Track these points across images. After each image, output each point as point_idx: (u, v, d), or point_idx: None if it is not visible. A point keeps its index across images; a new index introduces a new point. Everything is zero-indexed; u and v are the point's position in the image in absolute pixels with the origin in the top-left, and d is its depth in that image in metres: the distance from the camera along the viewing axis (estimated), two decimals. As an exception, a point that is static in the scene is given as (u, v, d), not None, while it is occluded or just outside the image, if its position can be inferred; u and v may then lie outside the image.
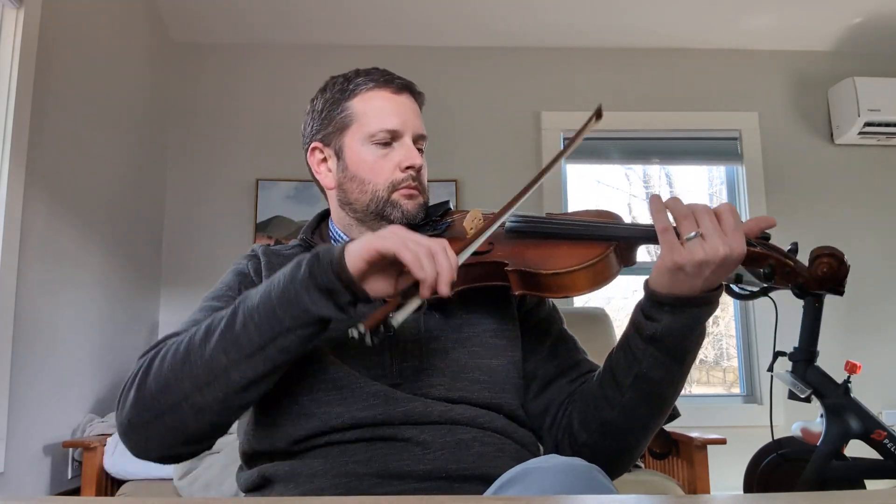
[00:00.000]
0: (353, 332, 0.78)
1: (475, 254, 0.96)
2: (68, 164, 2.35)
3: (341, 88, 1.08)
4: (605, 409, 0.95)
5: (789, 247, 0.87)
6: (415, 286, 0.82)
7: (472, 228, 1.02)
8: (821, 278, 0.83)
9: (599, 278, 0.91)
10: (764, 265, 0.85)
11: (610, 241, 0.92)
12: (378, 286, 0.84)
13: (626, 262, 0.95)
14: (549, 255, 0.94)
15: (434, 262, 0.80)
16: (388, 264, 0.82)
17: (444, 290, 0.80)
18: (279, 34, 3.31)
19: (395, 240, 0.81)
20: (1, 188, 1.98)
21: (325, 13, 3.17)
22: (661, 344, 0.89)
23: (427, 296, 0.80)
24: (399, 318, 0.81)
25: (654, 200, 0.87)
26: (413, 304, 0.82)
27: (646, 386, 0.91)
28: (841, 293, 0.85)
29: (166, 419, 0.84)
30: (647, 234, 0.90)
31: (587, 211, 1.03)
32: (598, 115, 1.06)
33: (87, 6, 2.49)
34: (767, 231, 0.88)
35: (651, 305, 0.89)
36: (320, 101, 1.10)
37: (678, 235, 0.84)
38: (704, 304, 0.87)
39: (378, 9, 3.15)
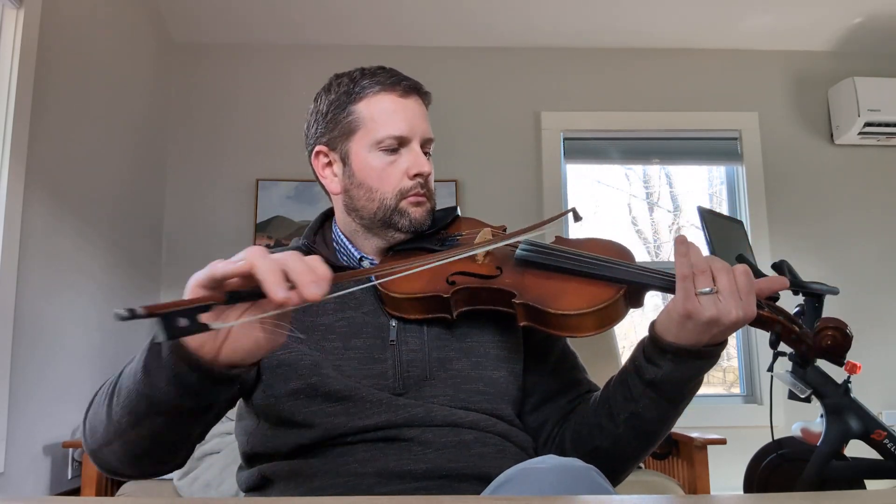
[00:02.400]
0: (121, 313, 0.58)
1: (481, 276, 0.95)
2: (68, 164, 2.35)
3: (347, 91, 1.05)
4: (598, 438, 0.96)
5: (796, 309, 0.88)
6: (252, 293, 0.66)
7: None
8: (823, 349, 0.85)
9: (606, 322, 0.91)
10: (771, 330, 0.87)
11: (621, 285, 0.91)
12: (236, 347, 0.71)
13: (635, 304, 0.94)
14: (558, 292, 0.92)
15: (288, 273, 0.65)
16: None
17: (308, 292, 0.65)
18: (279, 34, 3.31)
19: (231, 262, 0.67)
20: (1, 188, 1.98)
21: (324, 14, 3.17)
22: (660, 389, 0.90)
23: (294, 301, 0.64)
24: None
25: (680, 243, 0.86)
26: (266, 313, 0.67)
27: (639, 423, 0.93)
28: (841, 364, 0.87)
29: (99, 455, 0.84)
30: (661, 283, 0.90)
31: (598, 241, 1.01)
32: (576, 217, 1.03)
33: (87, 6, 2.49)
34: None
35: (654, 350, 0.89)
36: (324, 102, 1.07)
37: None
38: (707, 357, 0.88)
39: (378, 9, 3.15)
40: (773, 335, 0.86)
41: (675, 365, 0.87)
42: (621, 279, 0.91)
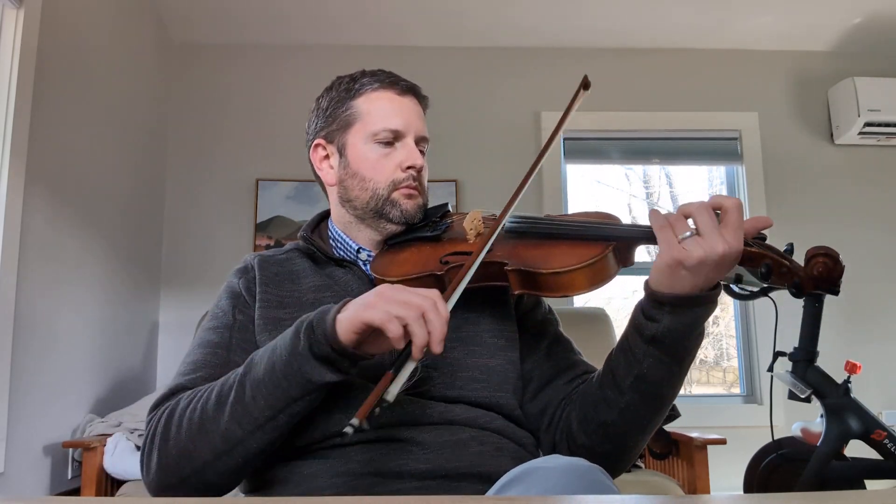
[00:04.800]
0: (349, 429, 0.74)
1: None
2: (68, 164, 2.35)
3: (347, 87, 1.09)
4: (605, 411, 0.95)
5: (785, 247, 0.87)
6: (406, 348, 0.81)
7: (471, 229, 1.03)
8: (816, 278, 0.84)
9: (598, 278, 0.92)
10: (760, 265, 0.85)
11: (608, 241, 0.93)
12: (376, 346, 0.84)
13: (625, 262, 0.95)
14: (548, 254, 0.94)
15: (423, 323, 0.79)
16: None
17: (436, 348, 0.79)
18: (279, 35, 3.31)
19: (381, 310, 0.80)
20: (1, 188, 1.98)
21: (324, 14, 3.17)
22: (662, 344, 0.89)
23: (419, 357, 0.79)
24: (394, 391, 0.78)
25: (654, 212, 0.88)
26: (407, 372, 0.80)
27: (646, 387, 0.92)
28: (836, 293, 0.85)
29: (192, 481, 0.87)
30: (646, 234, 0.90)
31: (586, 212, 1.04)
32: (584, 85, 1.09)
33: (87, 6, 2.49)
34: (764, 232, 0.89)
35: (651, 305, 0.89)
36: (325, 99, 1.12)
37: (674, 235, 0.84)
38: (704, 303, 0.87)
39: (378, 10, 3.15)
40: (763, 268, 0.85)
41: (674, 316, 0.87)
42: (608, 236, 0.94)
